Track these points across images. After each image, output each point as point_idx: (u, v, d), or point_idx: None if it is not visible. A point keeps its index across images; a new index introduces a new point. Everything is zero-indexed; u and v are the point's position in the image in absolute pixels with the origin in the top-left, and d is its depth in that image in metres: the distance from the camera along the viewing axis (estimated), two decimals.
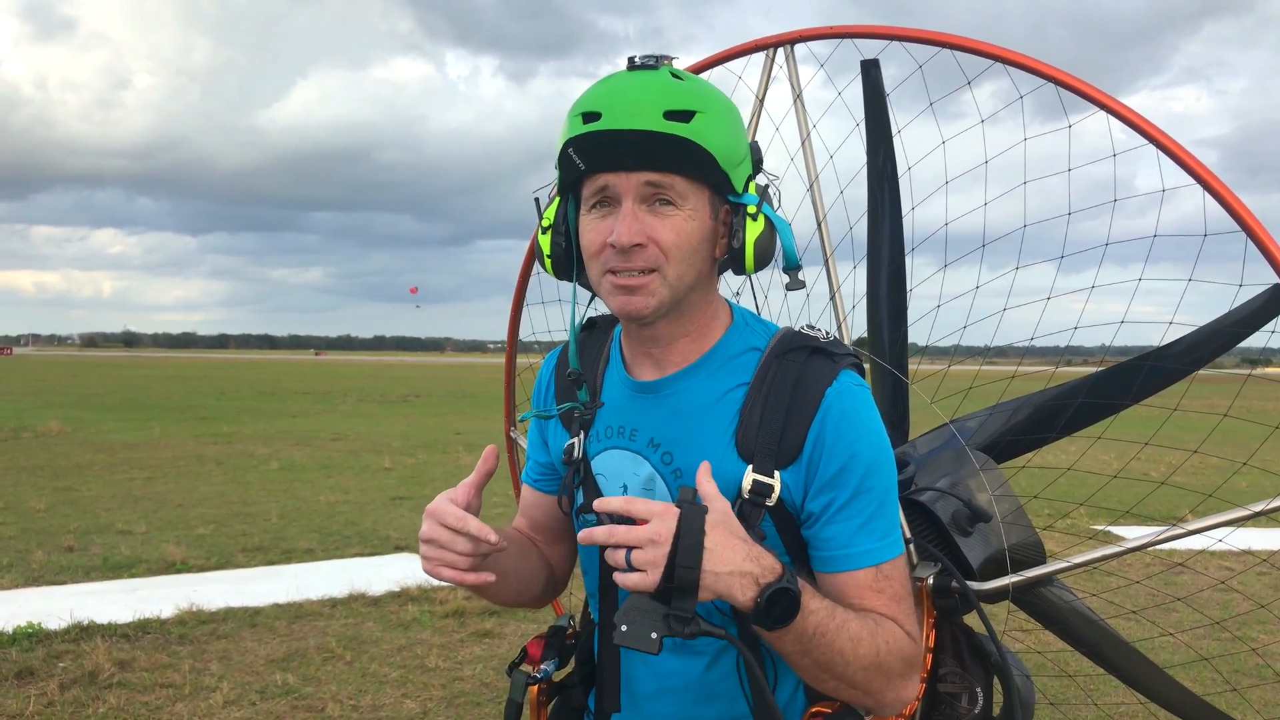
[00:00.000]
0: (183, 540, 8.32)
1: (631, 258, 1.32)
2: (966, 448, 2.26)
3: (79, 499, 10.44)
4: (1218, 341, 2.17)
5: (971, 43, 2.12)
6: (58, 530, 8.64)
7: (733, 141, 1.35)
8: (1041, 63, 2.04)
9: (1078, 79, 1.99)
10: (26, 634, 5.52)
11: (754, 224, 1.38)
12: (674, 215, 1.32)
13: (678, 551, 1.18)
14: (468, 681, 5.11)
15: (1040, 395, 2.38)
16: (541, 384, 1.67)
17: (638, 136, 1.29)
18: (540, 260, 1.50)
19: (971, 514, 2.11)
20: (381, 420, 22.84)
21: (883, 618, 1.35)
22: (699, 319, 1.44)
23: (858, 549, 1.36)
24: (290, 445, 16.51)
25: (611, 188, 1.33)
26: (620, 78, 1.35)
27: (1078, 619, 2.33)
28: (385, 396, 33.81)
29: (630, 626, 1.21)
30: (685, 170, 1.31)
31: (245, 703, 4.75)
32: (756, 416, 1.38)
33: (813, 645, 1.26)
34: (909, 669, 1.36)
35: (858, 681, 1.31)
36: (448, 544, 1.30)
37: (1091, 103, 1.99)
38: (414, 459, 14.84)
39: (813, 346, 1.41)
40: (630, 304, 1.35)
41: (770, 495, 1.36)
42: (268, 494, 11.13)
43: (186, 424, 20.34)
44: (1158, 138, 1.92)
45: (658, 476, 1.44)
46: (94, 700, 4.69)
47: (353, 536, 8.75)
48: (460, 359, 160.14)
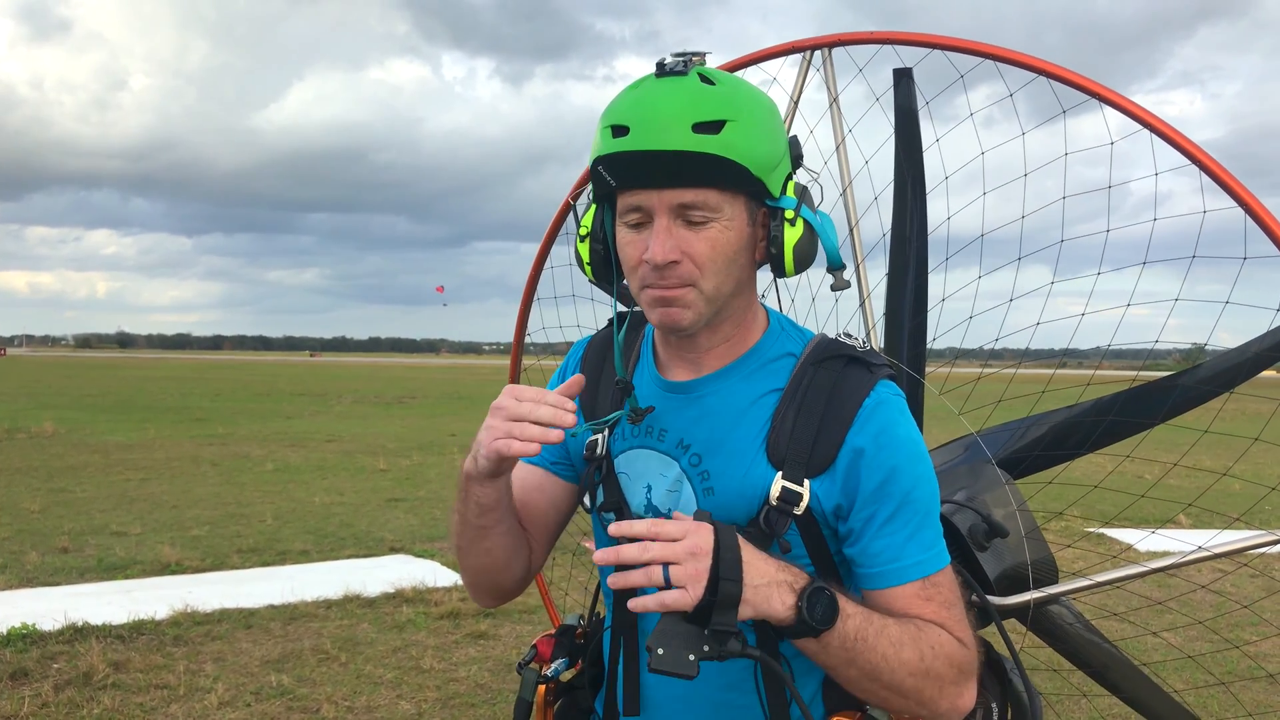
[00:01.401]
0: (177, 541, 8.31)
1: (666, 274, 1.30)
2: (991, 462, 2.25)
3: (73, 500, 10.42)
4: (1245, 368, 2.16)
5: (1016, 55, 2.09)
6: (52, 531, 8.62)
7: (767, 145, 1.31)
8: (1082, 75, 2.00)
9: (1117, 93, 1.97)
10: (21, 635, 5.51)
11: (792, 229, 1.35)
12: (709, 229, 1.29)
13: (720, 565, 1.16)
14: (463, 683, 5.11)
15: (1058, 414, 2.36)
16: (567, 370, 1.63)
17: (667, 156, 1.26)
18: (580, 267, 1.48)
19: (989, 529, 2.10)
20: (377, 422, 22.81)
21: (926, 623, 1.31)
22: (738, 324, 1.42)
23: (907, 561, 1.32)
24: (285, 447, 16.48)
25: (644, 205, 1.30)
26: (649, 86, 1.31)
27: (1084, 639, 2.33)
28: (380, 398, 33.74)
29: (666, 650, 1.16)
30: (718, 184, 1.28)
31: (240, 704, 4.74)
32: (789, 423, 1.35)
33: (856, 652, 1.23)
34: (961, 675, 1.32)
35: (908, 689, 1.27)
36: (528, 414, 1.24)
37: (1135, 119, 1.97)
38: (409, 460, 14.82)
39: (850, 355, 1.38)
40: (669, 315, 1.33)
41: (799, 504, 1.33)
42: (263, 495, 11.11)
43: (181, 425, 20.30)
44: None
45: (685, 479, 1.42)
46: (88, 701, 4.68)
47: (348, 538, 8.74)
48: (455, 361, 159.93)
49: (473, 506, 1.38)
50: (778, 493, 1.33)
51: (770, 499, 1.34)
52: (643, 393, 1.49)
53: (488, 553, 1.46)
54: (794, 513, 1.34)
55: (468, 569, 1.52)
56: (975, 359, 2.58)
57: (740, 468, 1.37)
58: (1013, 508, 2.18)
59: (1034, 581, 2.12)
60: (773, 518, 1.34)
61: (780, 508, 1.33)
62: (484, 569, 1.50)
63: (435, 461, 14.79)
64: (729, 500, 1.37)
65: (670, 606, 1.16)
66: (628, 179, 1.29)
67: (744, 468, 1.36)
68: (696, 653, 1.16)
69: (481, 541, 1.44)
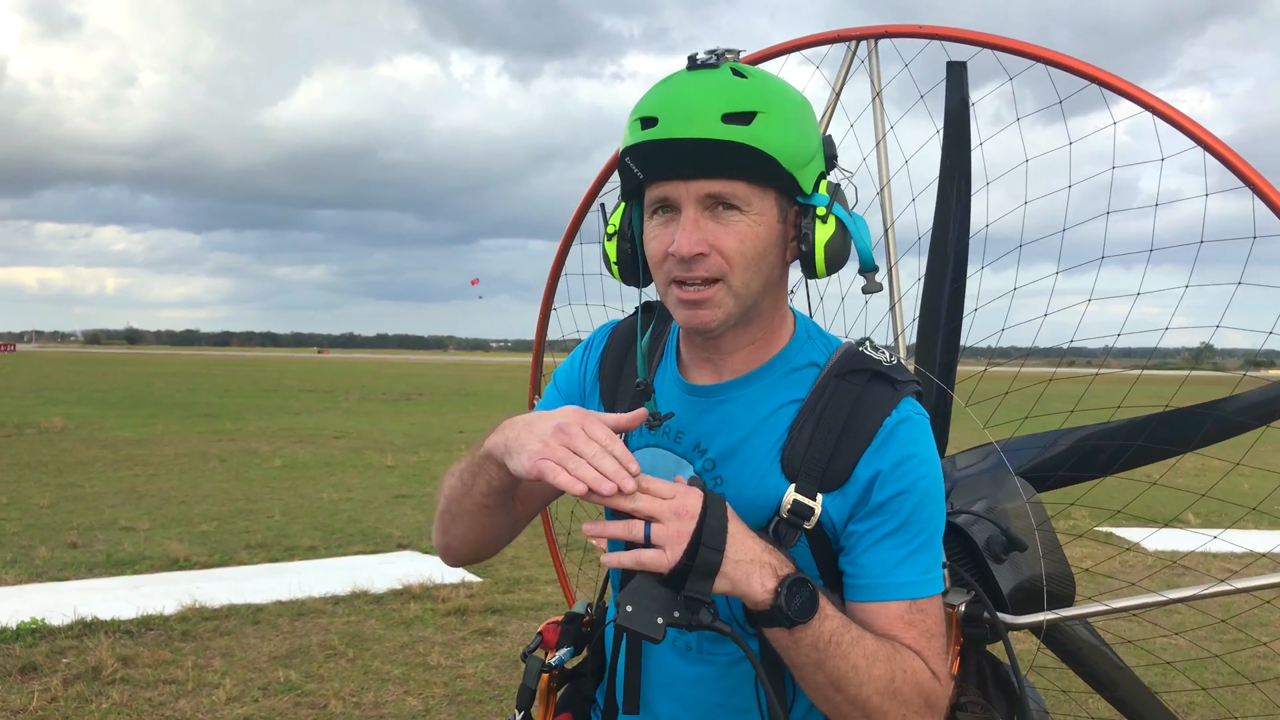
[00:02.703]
0: (186, 537, 8.34)
1: (694, 267, 1.27)
2: (1013, 474, 2.21)
3: (82, 495, 10.46)
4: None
5: (1069, 60, 2.04)
6: (61, 526, 8.66)
7: (799, 140, 1.28)
8: (1135, 85, 1.97)
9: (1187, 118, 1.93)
10: (30, 630, 5.54)
11: (824, 226, 1.31)
12: (738, 221, 1.26)
13: (703, 531, 1.13)
14: (470, 679, 5.12)
15: (1088, 429, 2.31)
16: (589, 353, 1.59)
17: (695, 144, 1.23)
18: (607, 266, 1.46)
19: (1007, 542, 2.05)
20: (384, 418, 22.85)
21: (903, 647, 1.28)
22: (766, 327, 1.39)
23: (897, 580, 1.29)
24: (293, 443, 16.52)
25: (672, 197, 1.27)
26: (679, 79, 1.29)
27: (1098, 656, 2.30)
28: (388, 394, 33.81)
29: (636, 608, 1.13)
30: (747, 176, 1.25)
31: (248, 699, 4.75)
32: (806, 436, 1.32)
33: (827, 655, 1.20)
34: (927, 707, 1.28)
35: (872, 708, 1.24)
36: (590, 456, 1.15)
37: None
38: (416, 457, 14.86)
39: (874, 370, 1.35)
40: (697, 317, 1.30)
41: (810, 518, 1.31)
42: (270, 491, 11.15)
43: (190, 421, 20.37)
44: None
45: None
46: (97, 696, 4.70)
47: (355, 534, 8.76)
48: (463, 357, 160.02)
49: (482, 484, 1.34)
50: (789, 505, 1.31)
51: (781, 511, 1.32)
52: (663, 392, 1.46)
53: (482, 528, 1.43)
54: (804, 526, 1.31)
55: (451, 533, 1.47)
56: (1006, 358, 2.53)
57: (754, 477, 1.35)
58: (1032, 522, 2.14)
59: (1052, 597, 2.08)
60: (782, 530, 1.32)
61: (791, 520, 1.31)
62: (472, 540, 1.47)
63: (443, 458, 14.80)
64: (740, 508, 1.34)
65: (646, 565, 1.13)
66: (655, 170, 1.27)
67: (757, 477, 1.34)
68: (666, 617, 1.13)
69: (479, 517, 1.40)
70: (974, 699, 1.79)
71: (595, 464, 1.14)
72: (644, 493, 1.15)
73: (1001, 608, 2.04)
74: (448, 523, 1.46)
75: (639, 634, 1.13)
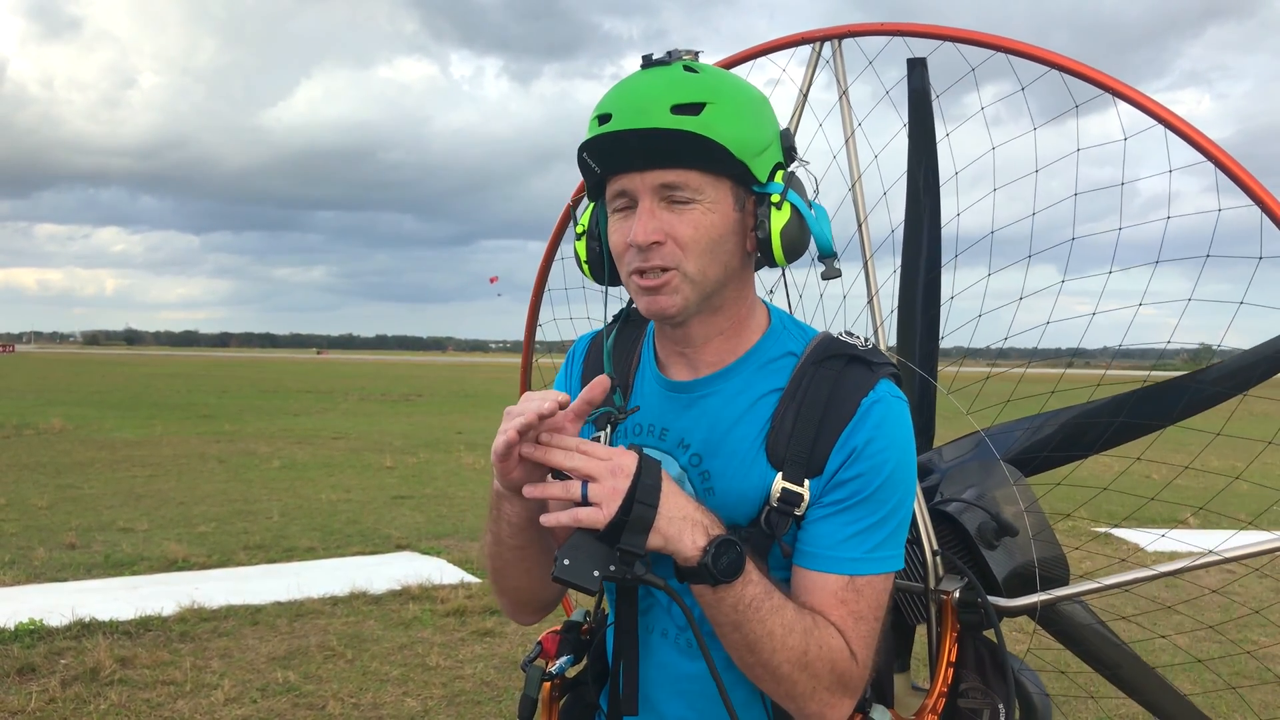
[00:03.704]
0: (184, 538, 8.33)
1: (650, 256, 1.30)
2: (1000, 461, 2.22)
3: (81, 496, 10.46)
4: (1261, 369, 2.13)
5: (1029, 48, 2.04)
6: (59, 527, 8.65)
7: (751, 130, 1.32)
8: (1100, 71, 1.96)
9: (1133, 88, 1.92)
10: (28, 631, 5.54)
11: (779, 214, 1.34)
12: (692, 210, 1.30)
13: (637, 488, 1.18)
14: (468, 680, 5.12)
15: (1070, 411, 2.34)
16: (572, 364, 1.62)
17: (645, 135, 1.27)
18: (579, 266, 1.49)
19: (998, 527, 2.08)
20: (383, 419, 22.84)
21: (825, 621, 1.30)
22: (733, 317, 1.41)
23: (840, 555, 1.31)
24: (292, 444, 16.52)
25: (629, 189, 1.31)
26: (633, 77, 1.34)
27: (1097, 638, 2.31)
28: (387, 395, 33.81)
29: (572, 561, 1.19)
30: (699, 164, 1.28)
31: (246, 700, 4.75)
32: (789, 423, 1.34)
33: (745, 618, 1.24)
34: (839, 685, 1.30)
35: (782, 675, 1.27)
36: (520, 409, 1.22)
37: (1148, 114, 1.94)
38: (415, 458, 14.84)
39: (851, 354, 1.37)
40: (656, 303, 1.33)
41: (800, 504, 1.32)
42: (269, 492, 11.14)
43: (188, 422, 20.36)
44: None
45: (686, 479, 1.41)
46: (95, 697, 4.69)
47: (354, 535, 8.76)
48: (462, 358, 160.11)
49: (505, 526, 1.37)
50: (778, 494, 1.33)
51: (771, 500, 1.33)
52: (645, 391, 1.48)
53: (528, 572, 1.45)
54: (795, 514, 1.33)
55: (508, 590, 1.51)
56: (984, 358, 2.56)
57: (740, 469, 1.36)
58: (1022, 506, 2.16)
59: (1046, 580, 2.10)
60: (774, 519, 1.33)
61: (781, 509, 1.33)
62: (526, 587, 1.50)
63: (442, 459, 14.80)
64: (730, 501, 1.36)
65: (583, 521, 1.18)
66: (610, 163, 1.31)
67: (744, 469, 1.36)
68: (601, 570, 1.19)
69: (521, 562, 1.43)
70: (974, 685, 1.81)
71: (528, 410, 1.21)
72: (581, 453, 1.21)
73: (997, 594, 2.05)
74: (501, 582, 1.50)
75: (575, 585, 1.18)
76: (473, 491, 11.19)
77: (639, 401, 1.48)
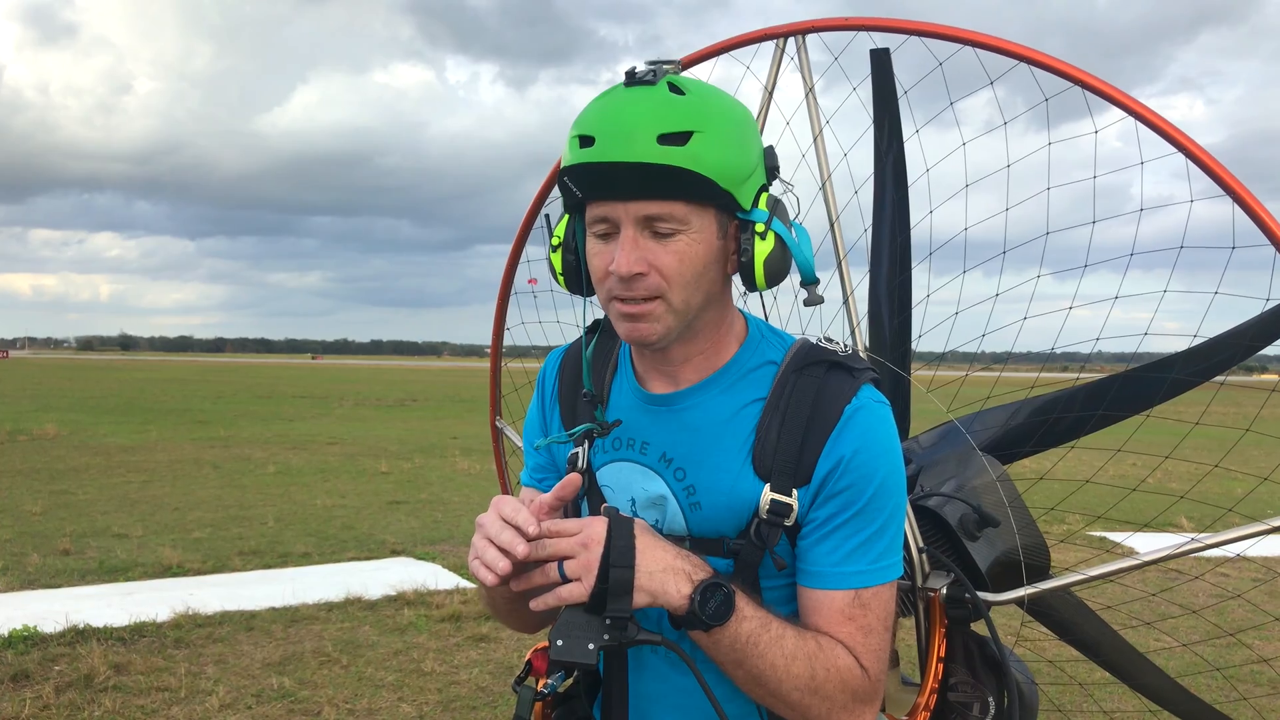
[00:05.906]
0: (179, 544, 8.31)
1: (633, 286, 1.28)
2: (976, 450, 2.23)
3: (75, 502, 10.43)
4: (1224, 353, 2.14)
5: (997, 41, 2.03)
6: (54, 533, 8.63)
7: (737, 157, 1.28)
8: (1067, 64, 1.95)
9: (1101, 80, 1.92)
10: (22, 637, 5.52)
11: (762, 243, 1.32)
12: (676, 241, 1.27)
13: (610, 552, 1.19)
14: (464, 686, 5.11)
15: (1046, 397, 2.36)
16: (544, 383, 1.61)
17: (631, 168, 1.23)
18: (554, 276, 1.46)
19: (980, 519, 2.10)
20: (378, 424, 22.82)
21: (831, 641, 1.29)
22: (712, 337, 1.40)
23: (846, 569, 1.31)
24: (287, 449, 16.49)
25: (610, 217, 1.28)
26: (616, 96, 1.28)
27: (1082, 617, 2.33)
28: (382, 401, 33.76)
29: (565, 641, 1.20)
30: (684, 196, 1.25)
31: (241, 706, 4.74)
32: (774, 433, 1.33)
33: (745, 655, 1.24)
34: (855, 701, 1.30)
35: (794, 702, 1.27)
36: (494, 535, 1.22)
37: (1117, 105, 1.93)
38: (411, 463, 14.82)
39: (831, 360, 1.36)
40: (637, 331, 1.31)
41: (789, 515, 1.31)
42: (264, 498, 11.12)
43: (183, 427, 20.32)
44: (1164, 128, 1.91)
45: (670, 493, 1.40)
46: (89, 703, 4.68)
47: (349, 540, 8.75)
48: (458, 363, 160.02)
49: (497, 594, 1.38)
50: (767, 505, 1.31)
51: (760, 512, 1.32)
52: (623, 404, 1.47)
53: (530, 615, 1.43)
54: (784, 524, 1.32)
55: (515, 626, 1.53)
56: (963, 361, 2.56)
57: (726, 481, 1.35)
58: (1002, 496, 2.17)
59: (1028, 568, 2.12)
60: (763, 530, 1.32)
61: (771, 520, 1.32)
62: (527, 621, 1.50)
63: (437, 464, 14.79)
64: (716, 514, 1.36)
65: (566, 600, 1.19)
66: (594, 190, 1.28)
67: (730, 481, 1.35)
68: (596, 641, 1.19)
69: (516, 612, 1.43)
70: (963, 679, 1.81)
71: (496, 541, 1.21)
72: (550, 536, 1.21)
73: (980, 585, 2.06)
74: (507, 623, 1.53)
75: (574, 665, 1.20)
76: (468, 497, 11.17)
77: (616, 414, 1.46)
